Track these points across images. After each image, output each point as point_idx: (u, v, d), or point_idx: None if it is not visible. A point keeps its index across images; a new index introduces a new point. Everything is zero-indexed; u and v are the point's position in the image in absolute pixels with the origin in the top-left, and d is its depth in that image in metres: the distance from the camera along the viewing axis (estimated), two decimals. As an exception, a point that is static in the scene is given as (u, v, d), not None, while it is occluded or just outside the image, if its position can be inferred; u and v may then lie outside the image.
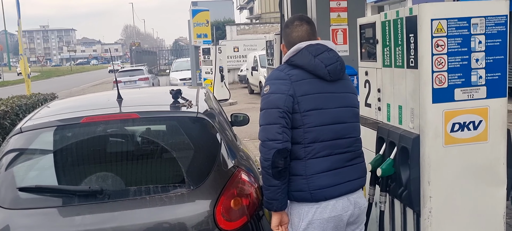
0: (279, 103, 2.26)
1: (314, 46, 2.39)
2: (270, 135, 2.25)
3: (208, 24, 19.60)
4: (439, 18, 2.53)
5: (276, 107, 2.26)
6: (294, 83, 2.30)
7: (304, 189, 2.30)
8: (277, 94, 2.29)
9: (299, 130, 2.29)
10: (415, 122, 2.68)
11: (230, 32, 29.22)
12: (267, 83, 2.38)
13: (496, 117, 2.67)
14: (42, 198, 2.66)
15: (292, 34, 2.46)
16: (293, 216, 2.37)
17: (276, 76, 2.37)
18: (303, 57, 2.35)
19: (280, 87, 2.30)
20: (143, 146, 3.23)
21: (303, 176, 2.30)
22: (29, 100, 7.27)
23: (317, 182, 2.29)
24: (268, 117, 2.28)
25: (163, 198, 2.61)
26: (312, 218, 2.31)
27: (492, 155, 2.68)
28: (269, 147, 2.24)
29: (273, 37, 6.92)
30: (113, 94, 3.44)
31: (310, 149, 2.29)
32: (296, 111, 2.28)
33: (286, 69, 2.37)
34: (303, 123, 2.28)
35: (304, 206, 2.33)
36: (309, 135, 2.29)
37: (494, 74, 2.64)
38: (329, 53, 2.38)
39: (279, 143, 2.23)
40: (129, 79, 19.38)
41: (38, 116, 3.19)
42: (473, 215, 2.70)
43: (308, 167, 2.30)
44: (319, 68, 2.33)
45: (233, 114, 4.74)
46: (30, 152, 2.99)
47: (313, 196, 2.30)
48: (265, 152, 2.26)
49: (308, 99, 2.29)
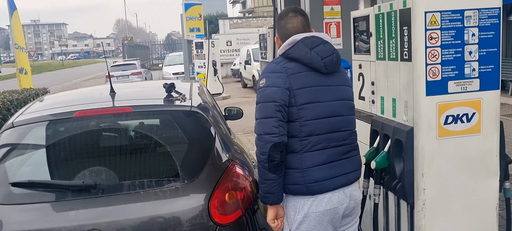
0: (275, 97, 2.25)
1: (310, 39, 2.37)
2: (267, 128, 2.24)
3: (201, 18, 19.52)
4: (433, 10, 2.53)
5: (272, 101, 2.25)
6: (291, 77, 2.29)
7: (300, 182, 2.30)
8: (273, 88, 2.27)
9: (295, 123, 2.28)
10: (409, 115, 2.69)
11: (223, 26, 29.13)
12: (263, 76, 2.36)
13: (489, 109, 2.68)
14: (35, 193, 2.64)
15: (287, 26, 2.44)
16: (289, 209, 2.37)
17: (272, 69, 2.36)
18: (299, 50, 2.33)
19: (276, 81, 2.29)
20: (137, 140, 3.22)
21: (299, 169, 2.30)
22: (21, 95, 7.20)
23: (313, 175, 2.29)
24: (264, 110, 2.27)
25: (157, 192, 2.60)
26: (308, 211, 2.31)
27: (485, 147, 2.70)
28: (265, 140, 2.23)
29: (266, 31, 6.92)
30: (106, 89, 3.42)
31: (306, 142, 2.29)
32: (292, 104, 2.27)
33: (282, 62, 2.35)
34: (299, 116, 2.28)
35: (299, 199, 2.33)
36: (305, 128, 2.28)
37: (487, 66, 2.65)
38: (324, 46, 2.37)
39: (275, 136, 2.22)
40: (122, 74, 19.29)
41: (30, 111, 3.16)
42: (467, 206, 2.72)
43: (304, 160, 2.29)
44: (315, 61, 2.32)
45: (227, 108, 4.73)
46: (22, 147, 2.97)
47: (309, 189, 2.30)
48: (261, 145, 2.25)
49: (304, 93, 2.28)
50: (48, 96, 4.02)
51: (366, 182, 3.01)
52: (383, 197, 2.97)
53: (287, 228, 2.40)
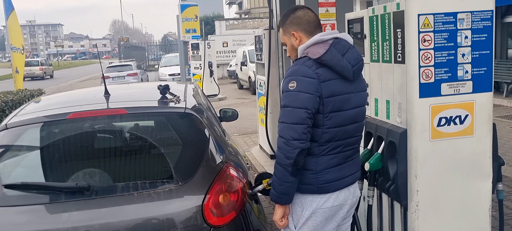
0: (308, 104, 2.20)
1: (340, 43, 2.30)
2: (296, 134, 2.19)
3: (197, 19, 19.49)
4: (426, 13, 2.54)
5: (304, 108, 2.20)
6: (322, 84, 2.22)
7: (313, 183, 2.32)
8: (306, 94, 2.21)
9: (319, 129, 2.26)
10: (402, 117, 2.70)
11: (219, 27, 29.13)
12: (293, 79, 2.25)
13: (482, 111, 2.69)
14: (29, 195, 2.63)
15: (306, 17, 2.37)
16: (296, 205, 2.38)
17: (303, 73, 2.25)
18: (333, 57, 2.25)
19: (308, 87, 2.21)
20: (131, 141, 3.21)
21: (313, 171, 2.31)
22: (16, 97, 7.17)
23: (325, 177, 2.31)
24: (295, 116, 2.21)
25: (151, 194, 2.59)
26: (316, 207, 2.34)
27: (478, 149, 2.71)
28: (293, 146, 2.20)
29: (261, 32, 6.91)
30: (101, 90, 3.41)
31: (324, 148, 2.29)
32: (319, 112, 2.24)
33: (313, 67, 2.25)
34: (323, 124, 2.25)
35: (308, 196, 2.35)
36: (326, 135, 2.27)
37: (480, 69, 2.66)
38: (352, 51, 2.32)
39: (303, 142, 2.20)
40: (118, 75, 19.25)
41: (24, 112, 3.15)
42: (460, 208, 2.73)
43: (319, 163, 2.30)
44: (346, 70, 2.27)
45: (222, 109, 4.73)
46: (16, 149, 2.96)
47: (320, 190, 2.32)
48: (288, 150, 2.21)
49: (333, 101, 2.25)
50: (43, 98, 4.01)
51: (360, 184, 3.02)
52: (377, 199, 2.98)
53: (292, 224, 2.41)
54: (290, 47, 2.45)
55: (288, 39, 2.44)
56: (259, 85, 7.30)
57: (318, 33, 2.35)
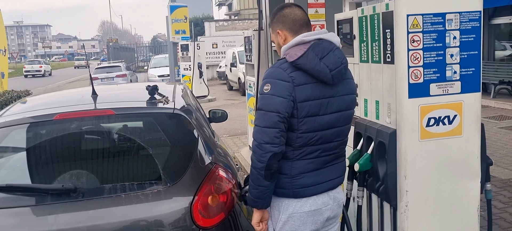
0: (280, 108, 2.17)
1: (320, 46, 2.24)
2: (268, 138, 2.17)
3: (186, 21, 19.43)
4: (415, 13, 2.55)
5: (276, 112, 2.17)
6: (296, 88, 2.19)
7: (287, 187, 2.29)
8: (279, 98, 2.18)
9: (293, 134, 2.23)
10: (391, 117, 2.70)
11: (209, 29, 29.07)
12: (268, 81, 2.23)
13: (470, 111, 2.70)
14: (14, 197, 2.59)
15: (292, 15, 2.33)
16: (273, 209, 2.36)
17: (278, 76, 2.22)
18: (309, 61, 2.20)
19: (282, 90, 2.18)
20: (119, 142, 3.17)
21: (288, 175, 2.28)
22: (2, 98, 7.09)
23: (300, 182, 2.28)
24: (267, 120, 2.19)
25: (139, 195, 2.56)
26: (293, 211, 2.31)
27: (466, 149, 2.72)
28: (265, 150, 2.17)
29: (251, 33, 6.90)
30: (88, 91, 3.37)
31: (299, 152, 2.26)
32: (294, 116, 2.21)
33: (289, 70, 2.22)
34: (298, 128, 2.22)
35: (284, 199, 2.32)
36: (300, 140, 2.24)
37: (468, 69, 2.67)
38: (334, 54, 2.26)
39: (276, 146, 2.17)
40: (107, 76, 19.13)
41: (9, 113, 3.11)
42: (449, 208, 2.74)
43: (294, 168, 2.27)
44: (323, 74, 2.22)
45: (212, 110, 4.71)
46: (1, 150, 2.91)
47: (295, 194, 2.29)
48: (260, 154, 2.19)
49: (307, 106, 2.21)
50: (30, 98, 3.95)
51: (349, 184, 3.02)
52: (366, 199, 2.97)
53: (271, 228, 2.39)
54: (277, 45, 2.44)
55: (275, 38, 2.42)
56: (249, 86, 7.29)
57: (303, 32, 2.31)
